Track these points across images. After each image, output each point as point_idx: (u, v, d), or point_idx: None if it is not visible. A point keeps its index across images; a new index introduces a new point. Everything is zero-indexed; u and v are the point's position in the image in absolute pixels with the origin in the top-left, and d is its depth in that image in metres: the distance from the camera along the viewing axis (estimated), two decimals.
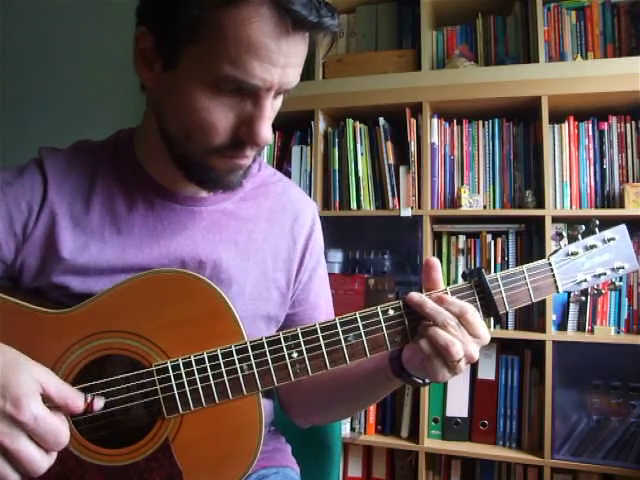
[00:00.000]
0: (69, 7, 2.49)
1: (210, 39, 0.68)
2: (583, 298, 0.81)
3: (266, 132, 0.73)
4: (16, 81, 2.64)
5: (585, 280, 0.78)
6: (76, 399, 0.65)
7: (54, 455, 0.63)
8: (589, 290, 0.80)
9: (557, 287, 0.77)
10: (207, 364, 0.71)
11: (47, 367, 0.65)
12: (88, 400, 0.66)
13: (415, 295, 0.73)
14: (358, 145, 2.06)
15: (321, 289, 0.98)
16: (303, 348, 0.72)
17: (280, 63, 0.69)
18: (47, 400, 0.62)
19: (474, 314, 0.71)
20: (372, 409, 2.02)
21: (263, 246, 0.89)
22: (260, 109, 0.72)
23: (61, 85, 2.59)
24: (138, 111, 0.87)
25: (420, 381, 0.78)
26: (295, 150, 2.13)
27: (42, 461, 0.61)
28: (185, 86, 0.72)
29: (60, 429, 0.62)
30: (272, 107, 0.75)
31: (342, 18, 2.28)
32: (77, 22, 2.53)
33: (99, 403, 0.68)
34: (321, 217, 1.03)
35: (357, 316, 0.73)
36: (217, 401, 0.71)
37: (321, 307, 0.98)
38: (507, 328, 1.94)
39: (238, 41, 0.67)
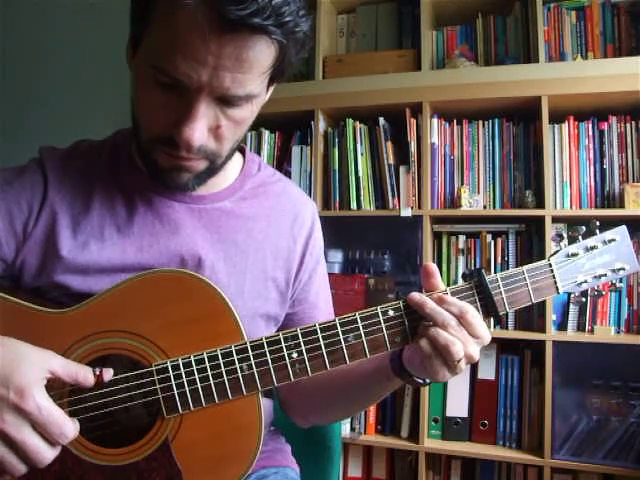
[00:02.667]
0: (69, 7, 2.49)
1: (154, 30, 0.69)
2: (583, 299, 0.81)
3: (189, 133, 0.70)
4: (16, 80, 2.64)
5: (585, 281, 0.78)
6: (85, 374, 0.66)
7: (59, 446, 0.63)
8: (589, 291, 0.80)
9: (557, 288, 0.77)
10: (207, 364, 0.71)
11: (50, 351, 0.66)
12: (97, 372, 0.67)
13: (416, 295, 0.74)
14: (358, 145, 2.06)
15: (321, 289, 0.98)
16: (303, 348, 0.72)
17: (209, 63, 0.66)
18: (56, 381, 0.63)
19: (474, 315, 0.72)
20: (372, 409, 2.02)
21: (262, 245, 0.89)
22: (188, 109, 0.70)
23: (60, 84, 2.59)
24: None
25: (420, 381, 0.78)
26: (295, 150, 2.13)
27: (47, 451, 0.61)
28: (138, 73, 0.74)
29: (64, 420, 0.62)
30: (222, 112, 0.72)
31: (342, 18, 2.29)
32: (76, 22, 2.53)
33: (108, 373, 0.68)
34: (321, 217, 1.03)
35: (357, 316, 0.73)
36: (217, 401, 0.71)
37: (321, 307, 0.98)
38: (507, 328, 1.94)
39: (168, 34, 0.67)
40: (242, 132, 0.79)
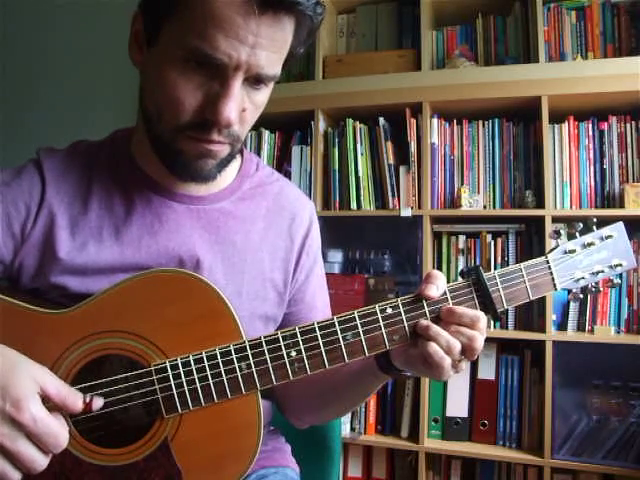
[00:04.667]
0: (69, 7, 2.50)
1: (183, 13, 0.69)
2: (581, 296, 0.81)
3: (228, 111, 0.71)
4: (15, 81, 2.64)
5: (583, 278, 0.78)
6: (74, 399, 0.65)
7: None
8: (588, 288, 0.80)
9: (555, 285, 0.77)
10: (206, 363, 0.71)
11: (46, 367, 0.65)
12: (87, 400, 0.66)
13: (423, 322, 0.74)
14: (358, 145, 2.06)
15: (318, 289, 0.98)
16: (302, 347, 0.72)
17: (248, 41, 0.68)
18: (45, 400, 0.63)
19: (484, 319, 0.73)
20: (372, 409, 2.02)
21: (261, 246, 0.89)
22: (226, 88, 0.71)
23: (60, 85, 2.59)
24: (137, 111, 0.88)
25: (409, 373, 0.79)
26: (295, 150, 2.13)
27: (42, 460, 0.62)
28: (160, 62, 0.73)
29: (59, 431, 0.62)
30: (248, 95, 0.74)
31: (342, 18, 2.29)
32: (76, 22, 2.54)
33: (98, 403, 0.68)
34: (321, 217, 1.03)
35: (355, 315, 0.73)
36: (216, 400, 0.71)
37: (317, 307, 0.97)
38: (507, 328, 1.94)
39: (205, 14, 0.67)
40: (256, 118, 0.80)
